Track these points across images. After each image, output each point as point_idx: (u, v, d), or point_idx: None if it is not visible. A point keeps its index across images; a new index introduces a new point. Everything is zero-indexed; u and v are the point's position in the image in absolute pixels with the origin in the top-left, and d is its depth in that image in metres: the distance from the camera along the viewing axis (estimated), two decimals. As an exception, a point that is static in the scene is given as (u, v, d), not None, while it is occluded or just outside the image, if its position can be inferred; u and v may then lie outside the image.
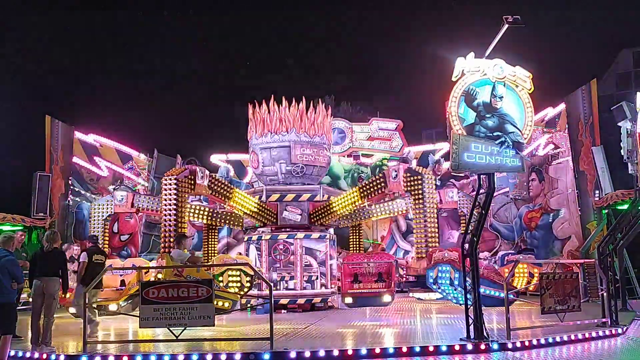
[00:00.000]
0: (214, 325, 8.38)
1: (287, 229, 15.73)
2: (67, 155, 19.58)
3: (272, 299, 8.58)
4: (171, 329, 8.30)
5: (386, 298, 14.36)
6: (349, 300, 14.47)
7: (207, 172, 15.77)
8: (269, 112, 15.89)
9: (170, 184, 15.04)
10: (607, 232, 14.03)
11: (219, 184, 15.92)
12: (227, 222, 19.16)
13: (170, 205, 14.95)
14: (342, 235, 20.31)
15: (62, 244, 13.60)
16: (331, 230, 16.60)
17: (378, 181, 16.23)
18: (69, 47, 39.49)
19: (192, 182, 15.22)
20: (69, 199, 19.38)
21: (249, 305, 13.94)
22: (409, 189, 15.79)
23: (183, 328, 8.29)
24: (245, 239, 16.58)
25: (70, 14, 40.47)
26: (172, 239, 14.37)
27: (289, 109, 15.78)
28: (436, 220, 16.11)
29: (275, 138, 15.82)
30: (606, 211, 16.44)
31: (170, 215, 14.91)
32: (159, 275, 12.62)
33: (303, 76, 44.20)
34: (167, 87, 40.32)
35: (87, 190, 20.43)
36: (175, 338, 8.31)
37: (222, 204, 17.36)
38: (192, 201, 18.74)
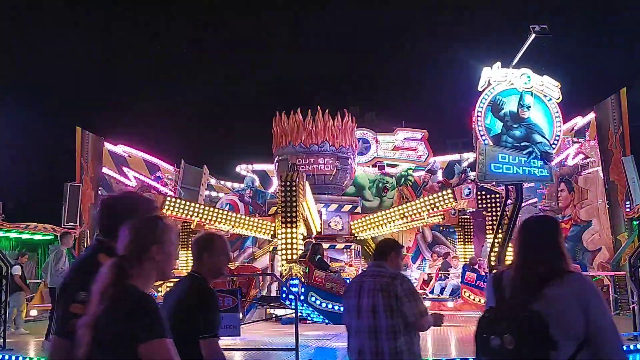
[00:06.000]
0: (239, 335, 8.40)
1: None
2: (97, 166, 19.93)
3: (298, 310, 8.58)
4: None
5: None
6: None
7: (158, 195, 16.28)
8: (272, 127, 16.18)
9: None
10: (639, 244, 13.71)
11: (175, 204, 15.98)
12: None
13: None
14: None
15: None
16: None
17: None
18: (98, 60, 40.41)
19: None
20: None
21: (274, 315, 13.94)
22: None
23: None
24: (271, 249, 16.63)
25: (100, 28, 41.43)
26: None
27: (287, 121, 15.93)
28: (300, 228, 14.41)
29: (279, 151, 16.13)
30: (637, 222, 16.10)
31: None
32: None
33: (327, 88, 44.42)
34: (195, 97, 40.90)
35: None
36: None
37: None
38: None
